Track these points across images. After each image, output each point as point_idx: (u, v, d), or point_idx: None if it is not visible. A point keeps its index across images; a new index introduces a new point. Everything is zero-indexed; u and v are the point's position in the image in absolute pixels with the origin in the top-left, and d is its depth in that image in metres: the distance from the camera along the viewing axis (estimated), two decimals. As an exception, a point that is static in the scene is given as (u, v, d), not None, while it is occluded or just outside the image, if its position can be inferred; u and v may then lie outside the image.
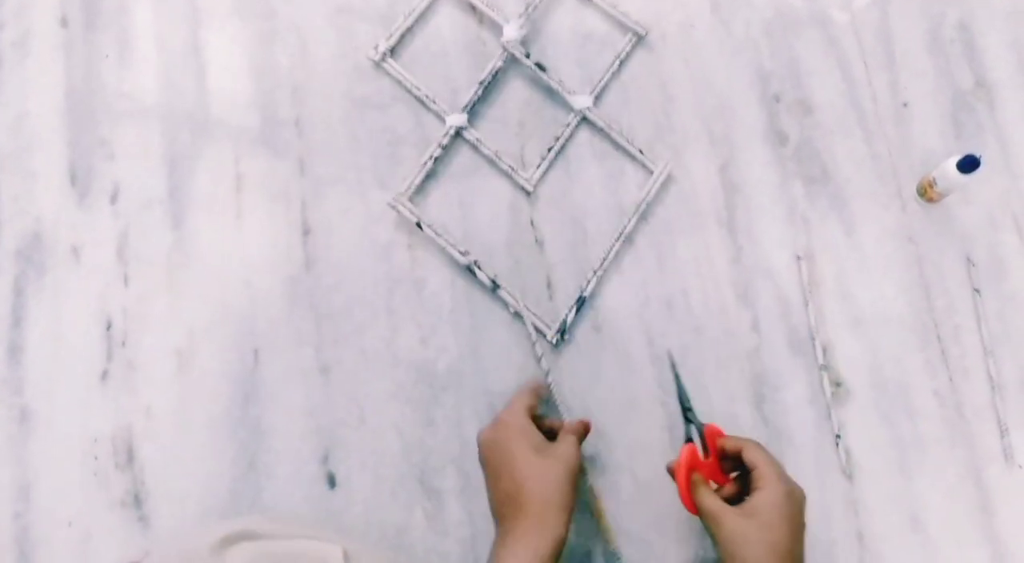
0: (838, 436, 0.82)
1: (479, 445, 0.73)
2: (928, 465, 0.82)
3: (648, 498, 0.80)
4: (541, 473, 0.68)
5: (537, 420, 0.75)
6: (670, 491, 0.77)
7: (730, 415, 0.83)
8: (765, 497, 0.67)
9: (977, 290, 0.86)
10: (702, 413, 0.78)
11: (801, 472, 0.80)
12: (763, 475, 0.68)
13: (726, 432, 0.75)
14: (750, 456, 0.70)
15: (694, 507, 0.70)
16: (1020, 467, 0.82)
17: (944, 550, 0.80)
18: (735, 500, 0.70)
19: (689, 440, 0.74)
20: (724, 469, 0.74)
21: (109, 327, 0.85)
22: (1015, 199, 0.89)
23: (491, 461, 0.71)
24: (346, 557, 0.61)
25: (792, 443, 0.82)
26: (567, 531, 0.67)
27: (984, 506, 0.81)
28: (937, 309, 0.86)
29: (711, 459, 0.74)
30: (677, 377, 0.79)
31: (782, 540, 0.65)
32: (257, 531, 0.62)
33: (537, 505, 0.66)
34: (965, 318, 0.86)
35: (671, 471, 0.73)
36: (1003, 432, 0.83)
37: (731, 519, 0.66)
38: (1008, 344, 0.85)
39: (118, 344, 0.84)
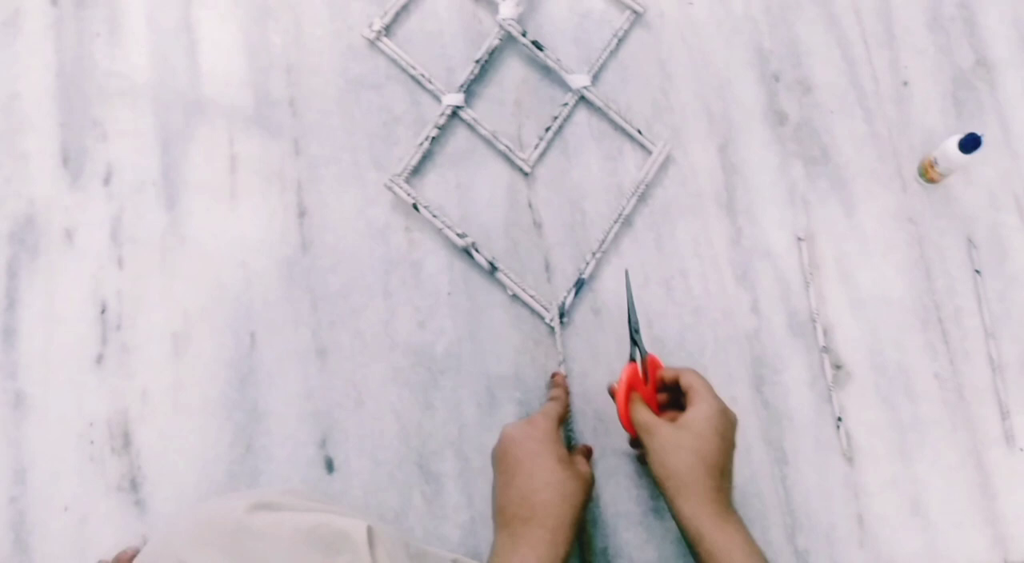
0: (839, 419, 0.82)
1: (503, 438, 0.70)
2: (928, 448, 0.82)
3: (647, 482, 0.80)
4: (561, 485, 0.66)
5: None
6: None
7: (729, 397, 0.82)
8: (698, 410, 0.68)
9: (978, 271, 0.86)
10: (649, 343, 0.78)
11: (801, 455, 0.81)
12: (698, 392, 0.70)
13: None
14: (686, 379, 0.72)
15: (631, 425, 0.71)
16: (1021, 450, 0.82)
17: (944, 533, 0.80)
18: None
19: (632, 360, 0.75)
20: (659, 403, 0.75)
21: (104, 310, 0.84)
22: (1016, 179, 0.89)
23: (510, 458, 0.68)
24: (370, 533, 0.60)
25: (792, 426, 0.82)
26: (573, 552, 0.66)
27: (985, 489, 0.81)
28: (938, 291, 0.86)
29: (649, 387, 0.75)
30: (630, 297, 0.78)
31: (711, 451, 0.66)
32: (277, 502, 0.62)
33: (552, 518, 0.64)
34: (966, 300, 0.86)
35: (611, 392, 0.75)
36: (1004, 414, 0.82)
37: (664, 430, 0.68)
38: (1009, 326, 0.85)
39: (113, 327, 0.83)
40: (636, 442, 0.76)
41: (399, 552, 0.63)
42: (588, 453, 0.79)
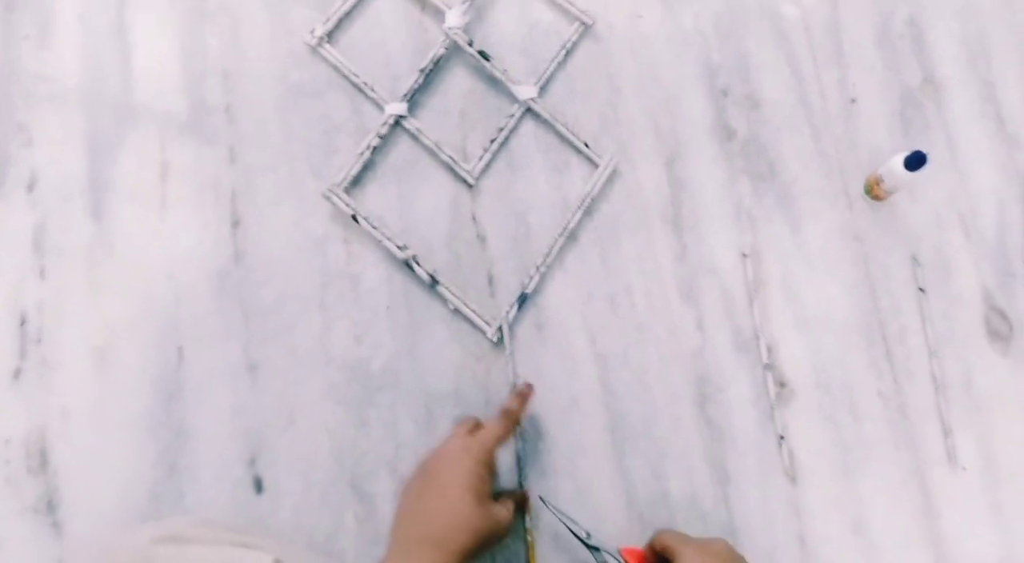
0: (781, 437, 0.81)
1: (435, 450, 0.69)
2: (872, 467, 0.81)
3: (587, 501, 0.78)
4: (464, 517, 0.65)
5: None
6: (610, 494, 0.76)
7: (672, 416, 0.81)
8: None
9: (922, 290, 0.86)
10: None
11: (743, 474, 0.80)
12: (674, 549, 0.67)
13: None
14: (660, 542, 0.69)
15: None
16: (963, 469, 0.81)
17: (887, 553, 0.79)
18: None
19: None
20: None
21: (23, 323, 0.80)
22: (961, 198, 0.89)
23: (431, 473, 0.67)
24: None
25: (735, 444, 0.81)
26: None
27: (927, 509, 0.80)
28: (882, 309, 0.85)
29: None
30: (559, 515, 0.74)
31: None
32: (184, 535, 0.60)
33: (449, 543, 0.63)
34: (910, 318, 0.85)
35: None
36: (946, 434, 0.82)
37: None
38: (952, 345, 0.84)
39: (33, 341, 0.80)
40: None
41: None
42: (523, 500, 0.77)
